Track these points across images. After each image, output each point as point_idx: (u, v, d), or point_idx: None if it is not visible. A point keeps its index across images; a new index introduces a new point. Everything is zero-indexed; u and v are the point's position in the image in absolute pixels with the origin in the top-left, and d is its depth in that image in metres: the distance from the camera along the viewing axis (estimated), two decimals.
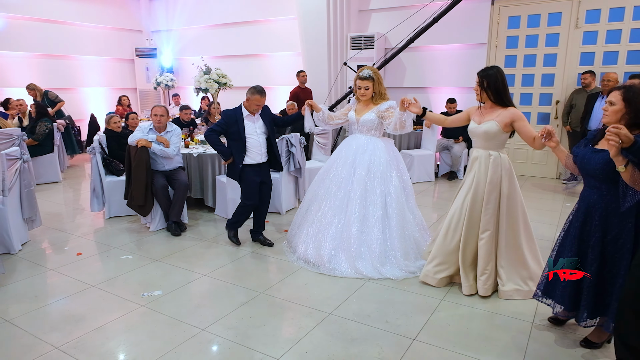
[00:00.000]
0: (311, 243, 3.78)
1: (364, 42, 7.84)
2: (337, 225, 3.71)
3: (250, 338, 2.74)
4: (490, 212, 3.11)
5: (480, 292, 3.20)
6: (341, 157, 3.84)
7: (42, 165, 6.71)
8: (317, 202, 3.88)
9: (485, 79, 3.09)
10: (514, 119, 3.04)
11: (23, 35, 8.98)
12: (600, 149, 2.39)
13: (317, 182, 3.99)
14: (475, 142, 3.23)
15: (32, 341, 2.71)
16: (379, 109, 3.69)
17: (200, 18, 10.18)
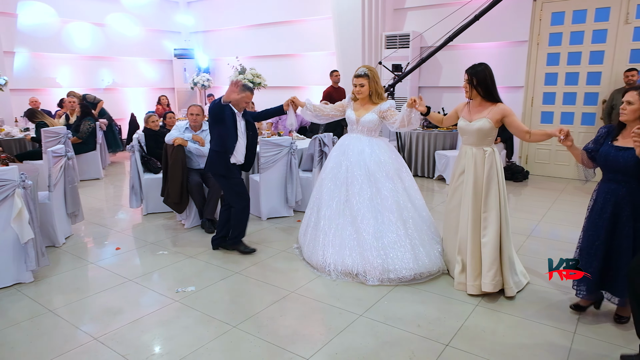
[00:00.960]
0: (331, 253, 3.59)
1: (399, 41, 7.74)
2: (355, 232, 3.55)
3: (280, 337, 2.74)
4: (492, 206, 3.15)
5: (487, 288, 3.14)
6: (346, 159, 3.69)
7: (85, 163, 7.00)
8: (329, 209, 3.69)
9: (474, 76, 3.13)
10: (504, 115, 3.11)
11: (72, 37, 9.40)
12: (624, 147, 2.57)
13: (323, 186, 3.79)
14: (467, 139, 3.24)
15: (73, 331, 2.81)
16: (380, 109, 3.64)
17: (236, 19, 10.35)
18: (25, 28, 8.79)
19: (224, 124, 3.76)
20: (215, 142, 3.85)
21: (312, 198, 3.94)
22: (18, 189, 3.31)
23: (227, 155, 3.81)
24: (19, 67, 8.78)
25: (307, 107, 3.91)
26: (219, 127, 3.80)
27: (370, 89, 3.65)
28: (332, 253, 3.57)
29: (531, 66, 7.16)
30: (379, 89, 3.69)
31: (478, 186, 3.17)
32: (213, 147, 3.88)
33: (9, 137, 6.74)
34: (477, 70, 3.14)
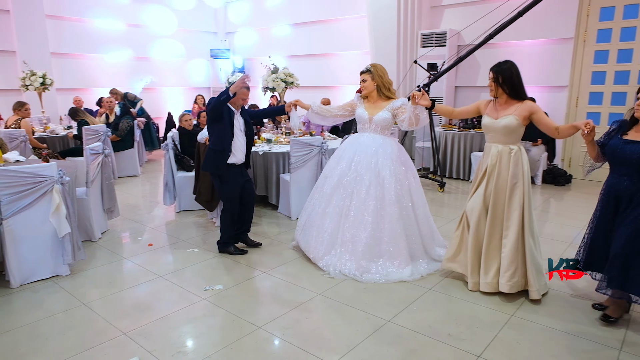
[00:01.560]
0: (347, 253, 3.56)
1: (435, 39, 7.54)
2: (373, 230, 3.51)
3: (306, 340, 2.70)
4: (515, 206, 3.09)
5: (503, 288, 3.10)
6: (359, 161, 3.61)
7: (124, 160, 7.22)
8: (344, 212, 3.61)
9: (499, 74, 3.08)
10: (532, 111, 3.04)
11: (111, 39, 9.74)
12: (633, 140, 2.65)
13: (331, 184, 3.71)
14: (493, 137, 3.19)
15: (104, 325, 2.87)
16: (393, 107, 3.61)
17: (270, 19, 10.42)
18: (71, 30, 9.17)
19: (222, 121, 3.71)
20: (214, 140, 3.79)
21: (318, 195, 3.83)
22: (56, 184, 3.42)
23: (224, 154, 3.76)
24: (65, 67, 9.16)
25: (312, 109, 3.87)
26: (217, 125, 3.74)
27: (375, 83, 3.64)
28: (333, 254, 3.61)
29: (576, 64, 6.80)
30: (385, 83, 3.66)
31: (502, 185, 3.11)
32: (211, 146, 3.81)
33: (54, 134, 7.04)
34: (502, 69, 3.09)
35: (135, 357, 2.51)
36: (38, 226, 3.40)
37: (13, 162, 4.20)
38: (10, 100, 6.93)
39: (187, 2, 10.73)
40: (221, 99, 3.58)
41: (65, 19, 9.07)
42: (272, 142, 5.58)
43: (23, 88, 7.79)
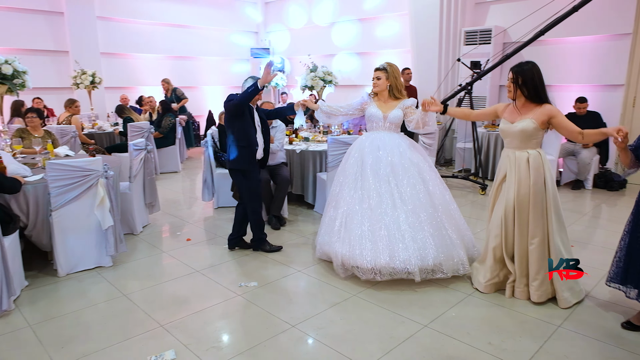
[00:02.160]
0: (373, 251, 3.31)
1: (479, 36, 7.29)
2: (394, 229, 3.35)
3: (339, 341, 2.65)
4: (539, 214, 2.97)
5: (532, 297, 3.04)
6: (391, 160, 3.49)
7: (165, 156, 7.42)
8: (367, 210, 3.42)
9: (519, 74, 2.95)
10: (551, 115, 2.91)
11: (155, 39, 10.05)
12: None
13: (352, 186, 3.56)
14: (510, 142, 3.06)
15: (143, 317, 2.94)
16: (404, 105, 3.65)
17: (310, 18, 10.42)
18: (119, 30, 9.53)
19: (244, 116, 3.71)
20: (238, 136, 3.74)
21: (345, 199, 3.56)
22: (101, 178, 3.54)
23: (251, 149, 3.76)
24: (113, 66, 9.53)
25: (321, 108, 3.83)
26: (239, 121, 3.73)
27: (389, 82, 3.65)
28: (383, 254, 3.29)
29: (634, 62, 6.38)
30: (398, 85, 3.68)
31: (522, 192, 2.98)
32: (235, 142, 3.77)
33: (101, 130, 7.34)
34: (523, 69, 2.95)
35: (172, 349, 2.55)
36: (84, 218, 3.53)
37: (63, 156, 4.39)
38: (63, 98, 7.28)
39: (229, 2, 10.92)
40: (249, 92, 3.57)
41: (113, 20, 9.43)
42: (310, 141, 5.56)
43: (74, 86, 8.17)
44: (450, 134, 7.72)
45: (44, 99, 7.51)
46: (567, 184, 6.48)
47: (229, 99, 3.75)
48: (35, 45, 8.40)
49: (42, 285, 3.38)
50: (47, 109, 7.50)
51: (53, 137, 5.00)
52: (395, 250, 3.25)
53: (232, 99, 3.72)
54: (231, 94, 3.80)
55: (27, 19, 8.33)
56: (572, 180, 6.44)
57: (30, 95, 7.12)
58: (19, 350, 2.57)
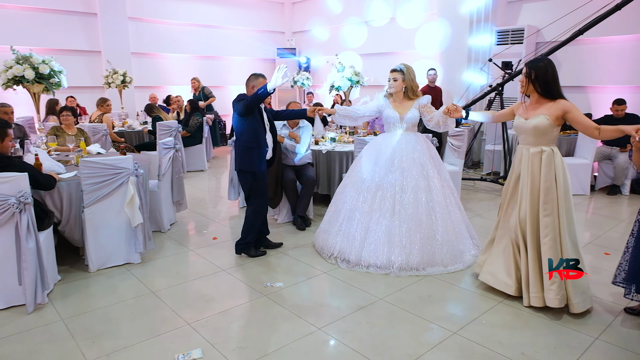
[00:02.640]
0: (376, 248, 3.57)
1: (511, 36, 7.11)
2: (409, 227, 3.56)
3: (366, 345, 2.61)
4: (549, 212, 2.92)
5: (552, 303, 2.88)
6: (401, 160, 3.64)
7: (192, 155, 7.52)
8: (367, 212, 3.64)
9: (533, 70, 2.93)
10: (565, 110, 2.87)
11: (183, 39, 10.21)
12: None
13: (359, 185, 3.74)
14: (524, 138, 3.04)
15: (170, 314, 2.97)
16: (420, 104, 3.71)
17: (337, 17, 10.39)
18: (149, 31, 9.72)
19: (253, 117, 3.64)
20: (247, 137, 3.66)
21: (355, 197, 3.75)
22: (132, 176, 3.60)
23: (261, 150, 3.69)
24: (143, 66, 9.73)
25: (339, 112, 3.91)
26: (249, 122, 3.64)
27: (404, 84, 3.71)
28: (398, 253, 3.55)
29: None
30: (414, 86, 3.74)
31: (535, 190, 2.94)
32: (244, 144, 3.67)
33: (131, 129, 7.49)
34: (537, 65, 2.94)
35: (199, 348, 2.56)
36: (114, 215, 3.59)
37: (95, 154, 4.49)
38: (95, 97, 7.47)
39: (256, 3, 11.00)
40: (260, 94, 3.48)
41: (144, 20, 9.63)
42: (336, 141, 5.53)
43: (106, 85, 8.37)
44: (479, 136, 7.55)
45: (76, 97, 7.73)
46: (603, 189, 6.23)
47: (238, 98, 3.67)
48: (69, 45, 8.65)
49: (73, 280, 3.46)
50: (79, 108, 7.70)
51: (86, 135, 5.12)
52: (382, 253, 3.52)
53: (242, 98, 3.64)
54: (241, 93, 3.73)
55: (62, 20, 8.59)
56: (608, 185, 6.20)
57: (63, 94, 7.33)
58: (52, 344, 2.63)
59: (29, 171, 3.01)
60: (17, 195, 2.84)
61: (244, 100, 3.58)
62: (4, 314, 2.95)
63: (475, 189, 6.41)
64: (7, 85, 4.51)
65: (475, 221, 4.92)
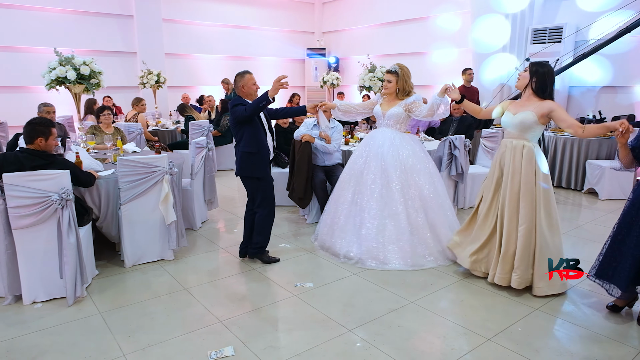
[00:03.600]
0: (356, 242, 3.78)
1: (548, 35, 6.89)
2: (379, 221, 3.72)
3: (397, 349, 2.58)
4: (527, 203, 3.13)
5: (513, 284, 3.19)
6: (369, 151, 3.87)
7: (223, 154, 7.62)
8: (357, 202, 3.85)
9: (538, 69, 3.12)
10: (552, 109, 3.08)
11: (215, 40, 10.38)
12: None
13: (348, 180, 3.97)
14: (509, 132, 3.26)
15: (203, 311, 3.01)
16: (406, 103, 3.81)
17: (368, 17, 10.34)
18: (182, 32, 9.93)
19: (253, 122, 3.48)
20: (247, 142, 3.50)
21: (341, 192, 4.01)
22: (166, 175, 3.68)
23: (262, 154, 3.55)
24: (176, 66, 9.95)
25: (338, 107, 4.06)
26: (248, 126, 3.49)
27: (397, 86, 3.83)
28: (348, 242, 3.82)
29: None
30: (407, 88, 3.83)
31: (516, 181, 3.17)
32: (244, 149, 3.52)
33: (164, 128, 7.66)
34: (542, 64, 3.18)
35: (230, 346, 2.59)
36: (149, 213, 3.68)
37: (131, 152, 4.62)
38: (130, 97, 7.69)
39: (287, 3, 11.07)
40: (260, 105, 3.37)
41: (177, 22, 9.85)
42: None
43: (141, 85, 8.60)
44: None
45: (112, 97, 7.97)
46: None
47: (235, 103, 3.50)
48: (106, 46, 8.94)
49: (110, 274, 3.56)
50: (115, 107, 7.94)
51: (122, 134, 5.27)
52: (369, 250, 3.69)
53: (238, 103, 3.49)
54: (237, 98, 3.56)
55: (100, 22, 8.88)
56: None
57: (100, 94, 7.57)
58: (91, 336, 2.71)
59: (71, 169, 3.12)
60: (60, 192, 2.95)
61: (243, 108, 3.41)
62: (46, 305, 3.07)
63: None
64: (51, 86, 4.69)
65: None
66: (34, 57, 8.13)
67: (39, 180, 2.92)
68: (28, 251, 3.02)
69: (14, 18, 8.05)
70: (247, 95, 3.56)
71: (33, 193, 2.91)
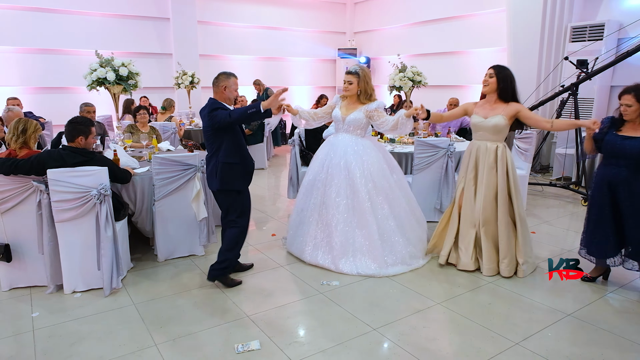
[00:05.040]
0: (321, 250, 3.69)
1: (588, 32, 6.65)
2: (341, 229, 3.60)
3: (422, 350, 2.57)
4: (504, 199, 3.44)
5: (503, 273, 3.48)
6: (330, 161, 3.70)
7: (253, 153, 7.65)
8: (317, 210, 3.73)
9: (500, 73, 3.39)
10: (518, 110, 3.39)
11: (247, 41, 10.56)
12: (630, 136, 3.04)
13: (308, 189, 3.83)
14: (482, 135, 3.50)
15: (231, 305, 3.09)
16: (367, 109, 3.64)
17: (400, 17, 10.26)
18: (216, 34, 10.15)
19: (233, 130, 3.16)
20: (228, 152, 3.15)
21: (301, 201, 3.92)
22: (198, 173, 3.79)
23: (244, 165, 3.25)
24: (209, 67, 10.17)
25: (300, 114, 3.78)
26: (230, 134, 3.15)
27: (359, 88, 3.63)
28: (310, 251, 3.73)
29: None
30: (368, 90, 3.64)
31: (492, 179, 3.44)
32: (226, 160, 3.15)
33: (197, 128, 7.86)
34: (503, 67, 3.43)
35: (257, 340, 2.65)
36: (181, 209, 3.80)
37: (165, 150, 4.78)
38: (165, 97, 7.93)
39: (319, 4, 11.13)
40: (249, 113, 3.02)
41: (212, 24, 10.07)
42: (396, 142, 5.47)
43: (176, 86, 8.85)
44: (549, 139, 7.14)
45: (148, 97, 8.25)
46: None
47: (213, 107, 3.08)
48: (143, 48, 9.24)
49: (144, 268, 3.70)
50: (151, 107, 8.22)
51: (157, 133, 5.46)
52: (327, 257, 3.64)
53: (218, 107, 3.07)
54: (214, 101, 3.16)
55: (138, 25, 9.20)
56: None
57: (137, 94, 7.85)
58: (125, 325, 2.84)
59: (109, 166, 3.27)
60: (98, 188, 3.09)
61: (227, 113, 3.01)
62: (85, 295, 3.22)
63: (544, 194, 6.07)
64: (92, 87, 4.91)
65: (542, 229, 4.66)
66: (76, 60, 8.51)
67: (80, 176, 3.08)
68: (69, 243, 3.18)
69: (57, 22, 8.46)
70: (225, 99, 3.19)
71: (74, 188, 3.06)
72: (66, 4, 8.44)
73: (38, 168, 3.08)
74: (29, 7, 8.14)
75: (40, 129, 3.49)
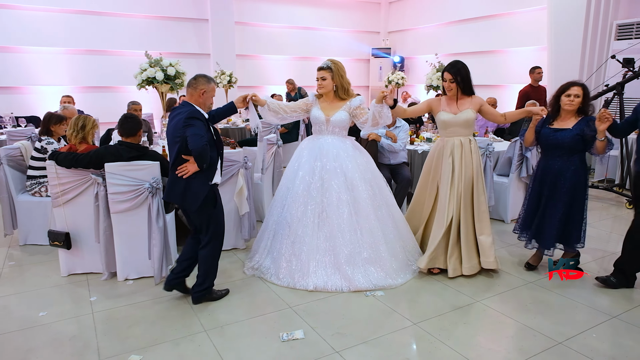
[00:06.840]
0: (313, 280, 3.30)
1: (635, 30, 6.44)
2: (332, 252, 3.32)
3: (461, 345, 2.60)
4: (481, 190, 3.49)
5: (465, 272, 3.45)
6: (323, 167, 3.39)
7: (289, 151, 7.85)
8: (305, 227, 3.35)
9: (457, 75, 3.39)
10: (481, 104, 3.46)
11: (282, 41, 10.73)
12: (560, 128, 3.29)
13: (293, 197, 3.46)
14: (454, 130, 3.48)
15: (274, 297, 3.20)
16: (350, 107, 3.43)
17: (435, 16, 10.20)
18: (252, 34, 10.37)
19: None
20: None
21: (277, 208, 3.57)
22: (242, 169, 3.92)
23: (211, 171, 2.93)
24: (246, 67, 10.41)
25: (267, 106, 3.40)
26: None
27: (334, 83, 3.40)
28: (314, 279, 3.29)
29: None
30: (344, 84, 3.43)
31: (469, 174, 3.45)
32: (199, 173, 2.84)
33: (234, 126, 8.07)
34: (458, 68, 3.39)
35: (301, 329, 2.75)
36: (225, 204, 3.84)
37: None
38: None
39: (353, 3, 11.18)
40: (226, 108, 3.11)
41: (248, 25, 10.30)
42: (432, 142, 5.48)
43: None
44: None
45: None
46: None
47: (191, 115, 2.77)
48: (183, 49, 9.55)
49: None
50: None
51: None
52: (306, 273, 3.30)
53: (194, 116, 2.78)
54: (192, 110, 2.82)
55: (178, 26, 9.52)
56: None
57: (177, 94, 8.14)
58: (176, 311, 3.00)
59: (160, 160, 3.44)
60: (151, 181, 3.27)
61: (201, 143, 2.69)
62: (137, 282, 3.41)
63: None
64: (142, 86, 5.15)
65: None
66: (120, 60, 8.90)
67: (134, 169, 3.26)
68: (123, 233, 3.37)
69: (103, 24, 8.86)
70: (201, 104, 2.91)
71: (129, 181, 3.25)
72: (112, 7, 8.83)
73: (96, 162, 3.28)
74: (78, 10, 8.57)
75: (97, 126, 3.71)
